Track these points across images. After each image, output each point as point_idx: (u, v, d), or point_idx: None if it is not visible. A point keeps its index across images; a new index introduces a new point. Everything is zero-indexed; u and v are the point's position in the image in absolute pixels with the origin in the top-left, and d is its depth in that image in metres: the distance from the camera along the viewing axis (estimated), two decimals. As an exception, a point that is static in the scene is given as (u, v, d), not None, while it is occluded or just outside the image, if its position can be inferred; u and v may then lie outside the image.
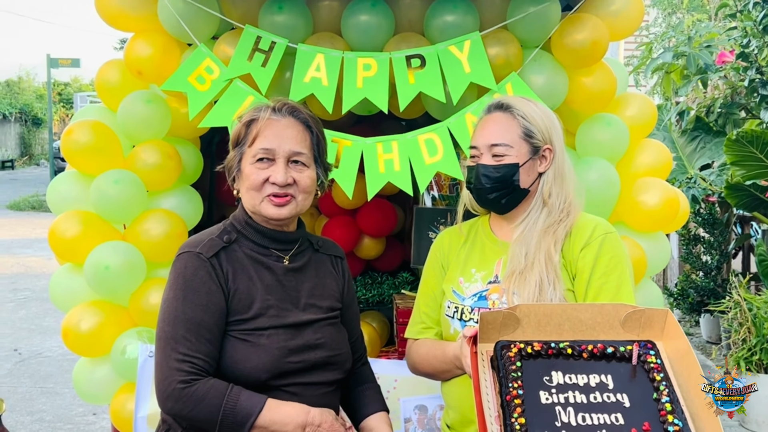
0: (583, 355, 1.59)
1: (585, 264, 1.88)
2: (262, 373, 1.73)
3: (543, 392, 1.52)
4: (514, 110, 1.91)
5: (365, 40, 2.58)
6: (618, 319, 1.63)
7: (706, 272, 7.03)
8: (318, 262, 1.94)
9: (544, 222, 1.91)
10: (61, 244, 2.68)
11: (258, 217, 1.83)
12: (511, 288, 1.87)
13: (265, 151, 1.77)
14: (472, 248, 2.02)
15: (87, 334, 2.63)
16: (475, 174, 1.92)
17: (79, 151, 2.70)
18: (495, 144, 1.90)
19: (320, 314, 1.86)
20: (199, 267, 1.75)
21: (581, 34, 2.58)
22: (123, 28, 2.72)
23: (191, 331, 1.70)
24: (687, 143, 6.63)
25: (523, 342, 1.59)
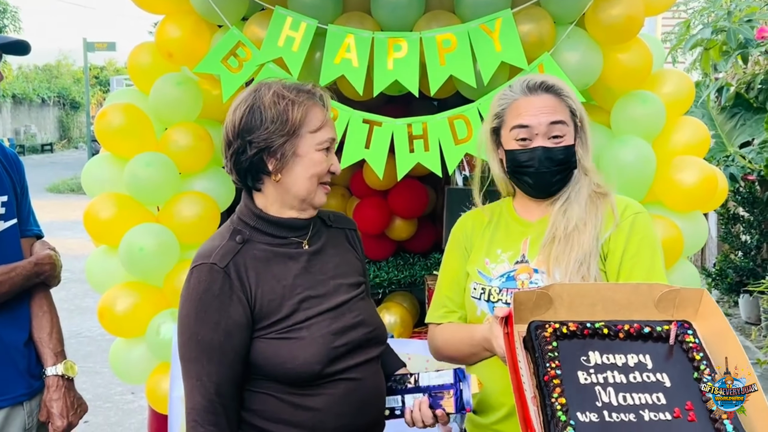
0: (620, 335, 1.55)
1: (616, 245, 1.84)
2: (315, 365, 1.66)
3: (581, 372, 1.49)
4: (561, 91, 1.87)
5: (395, 19, 2.55)
6: (652, 300, 1.59)
7: (746, 252, 6.93)
8: (334, 238, 1.89)
9: (588, 188, 1.88)
10: (96, 226, 2.72)
11: (280, 206, 1.76)
12: (553, 254, 1.82)
13: (331, 140, 1.76)
14: (497, 229, 1.98)
15: (122, 315, 2.67)
16: (538, 157, 1.83)
17: (112, 134, 2.73)
18: (556, 121, 1.83)
19: (351, 292, 1.82)
20: (212, 281, 1.66)
21: (616, 9, 2.52)
22: (154, 10, 2.73)
23: (203, 351, 1.65)
24: (726, 120, 6.51)
25: (558, 322, 1.56)
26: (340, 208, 3.81)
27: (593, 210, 1.87)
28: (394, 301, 3.53)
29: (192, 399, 1.65)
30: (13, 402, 2.09)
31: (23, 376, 2.13)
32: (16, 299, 2.15)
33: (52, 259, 2.24)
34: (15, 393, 2.10)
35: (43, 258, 2.22)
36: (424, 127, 2.47)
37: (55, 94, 37.18)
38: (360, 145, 2.49)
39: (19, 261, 2.15)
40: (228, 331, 1.65)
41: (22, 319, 2.18)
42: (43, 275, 2.21)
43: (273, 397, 1.69)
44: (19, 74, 35.13)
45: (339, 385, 1.70)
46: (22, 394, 2.12)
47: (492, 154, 1.96)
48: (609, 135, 2.67)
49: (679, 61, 8.32)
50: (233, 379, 1.67)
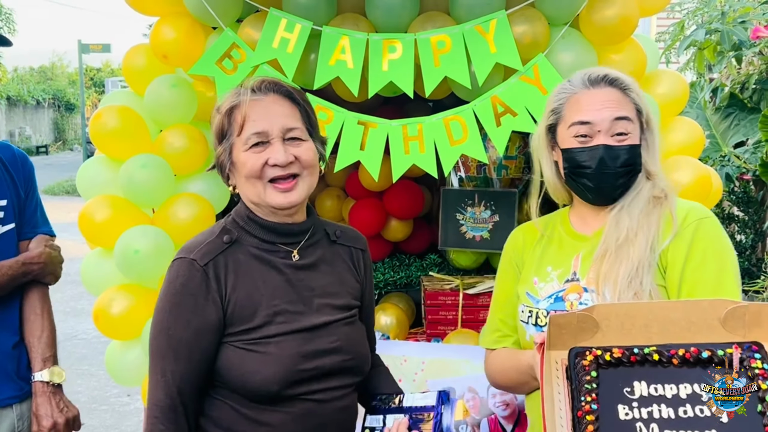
0: (673, 362, 1.38)
1: (677, 255, 1.65)
2: (273, 384, 1.61)
3: (622, 406, 1.35)
4: (625, 85, 1.73)
5: (390, 20, 2.55)
6: (717, 317, 1.39)
7: (741, 252, 6.93)
8: (334, 255, 1.80)
9: (649, 193, 1.72)
10: (91, 228, 2.71)
11: (262, 209, 1.70)
12: (602, 271, 1.66)
13: (258, 134, 1.64)
14: (549, 244, 1.83)
15: (118, 318, 2.66)
16: (599, 156, 1.67)
17: (107, 136, 2.72)
18: (620, 117, 1.68)
19: (336, 315, 1.73)
20: (190, 277, 1.63)
21: (610, 11, 2.52)
22: (148, 12, 2.73)
23: (172, 348, 1.62)
24: (721, 121, 6.53)
25: (601, 348, 1.40)
26: (335, 209, 3.81)
27: (648, 218, 1.69)
28: (390, 302, 3.53)
29: (155, 394, 1.62)
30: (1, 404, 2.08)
31: (12, 379, 2.10)
32: (5, 301, 2.12)
33: (42, 258, 2.20)
34: (1, 396, 2.09)
35: (33, 257, 2.18)
36: (419, 129, 2.47)
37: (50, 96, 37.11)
38: (355, 146, 2.49)
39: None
40: (198, 330, 1.62)
41: (10, 321, 2.15)
42: (30, 275, 2.17)
43: (230, 407, 1.66)
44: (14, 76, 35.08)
45: (297, 405, 1.65)
46: (10, 397, 2.10)
47: (546, 157, 1.82)
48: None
49: (673, 61, 8.33)
50: (197, 380, 1.64)
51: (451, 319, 3.21)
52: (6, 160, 2.20)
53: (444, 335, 3.16)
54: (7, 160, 2.20)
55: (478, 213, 3.37)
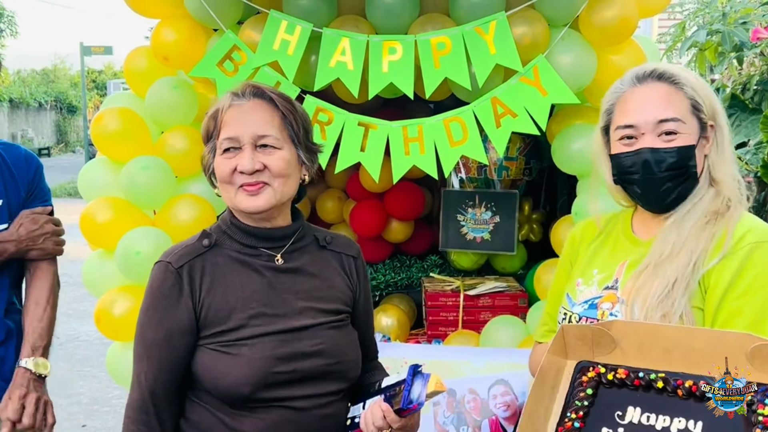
0: (678, 392, 1.30)
1: (721, 277, 1.51)
2: (244, 386, 1.58)
3: (606, 429, 1.30)
4: (676, 79, 1.61)
5: (390, 22, 2.56)
6: (743, 352, 1.26)
7: (742, 253, 6.93)
8: (323, 260, 1.77)
9: (710, 204, 1.59)
10: (92, 230, 2.72)
11: (240, 213, 1.70)
12: (638, 284, 1.56)
13: (229, 140, 1.63)
14: (603, 244, 1.75)
15: (119, 319, 2.67)
16: (643, 160, 1.58)
17: (108, 138, 2.73)
18: (665, 119, 1.57)
19: (320, 318, 1.69)
20: (164, 280, 1.63)
21: (610, 12, 2.52)
22: (149, 14, 2.74)
23: (144, 348, 1.65)
24: (722, 122, 6.52)
25: (606, 366, 1.35)
26: (336, 210, 3.82)
27: (699, 233, 1.56)
28: (391, 303, 3.53)
29: (131, 394, 1.66)
30: None
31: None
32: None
33: (14, 236, 2.15)
34: None
35: (4, 236, 2.13)
36: (419, 130, 2.47)
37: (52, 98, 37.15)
38: (356, 148, 2.49)
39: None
40: (170, 332, 1.62)
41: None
42: (5, 254, 2.12)
43: (208, 411, 1.65)
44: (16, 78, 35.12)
45: (273, 412, 1.62)
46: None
47: (603, 159, 1.73)
48: (604, 137, 2.67)
49: (675, 62, 8.33)
50: (170, 383, 1.64)
51: (452, 320, 3.21)
52: (9, 161, 2.18)
53: (445, 336, 3.16)
54: (11, 160, 2.19)
55: (479, 214, 3.38)
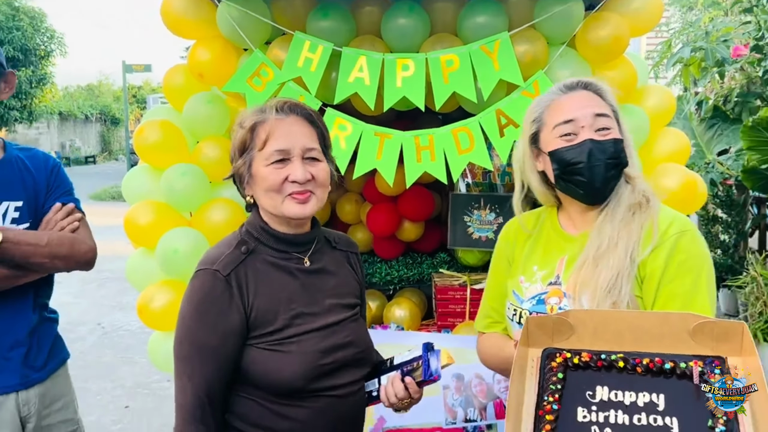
0: (637, 370, 1.31)
1: (655, 266, 1.54)
2: (298, 380, 1.58)
3: (582, 409, 1.28)
4: (599, 89, 1.65)
5: (403, 42, 2.56)
6: (686, 330, 1.31)
7: (724, 250, 6.89)
8: (336, 259, 1.78)
9: (629, 198, 1.61)
10: (135, 230, 2.73)
11: (275, 220, 1.67)
12: (581, 278, 1.57)
13: (280, 152, 1.60)
14: (536, 243, 1.75)
15: (159, 311, 2.67)
16: (587, 151, 1.57)
17: (149, 148, 2.74)
18: (601, 114, 1.59)
19: (345, 312, 1.71)
20: (214, 287, 1.58)
21: (604, 31, 2.52)
22: (186, 35, 2.75)
23: (200, 352, 1.57)
24: (705, 131, 6.50)
25: (571, 351, 1.35)
26: (354, 212, 3.82)
27: (629, 225, 1.58)
28: (403, 296, 3.53)
29: (183, 396, 1.59)
30: (2, 391, 2.02)
31: (16, 369, 2.04)
32: (20, 291, 2.03)
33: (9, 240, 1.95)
34: (4, 383, 2.02)
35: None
36: (430, 139, 2.47)
37: (97, 111, 37.44)
38: (372, 155, 2.49)
39: None
40: (224, 335, 1.58)
41: (24, 311, 2.07)
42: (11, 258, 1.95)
43: (257, 404, 1.62)
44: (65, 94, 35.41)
45: (320, 400, 1.62)
46: (14, 385, 2.03)
47: (531, 168, 1.72)
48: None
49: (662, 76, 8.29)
50: (223, 381, 1.60)
51: (460, 311, 3.21)
52: (28, 162, 2.14)
53: (453, 326, 3.16)
54: (29, 160, 2.15)
55: (484, 215, 3.37)
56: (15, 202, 2.06)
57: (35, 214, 2.11)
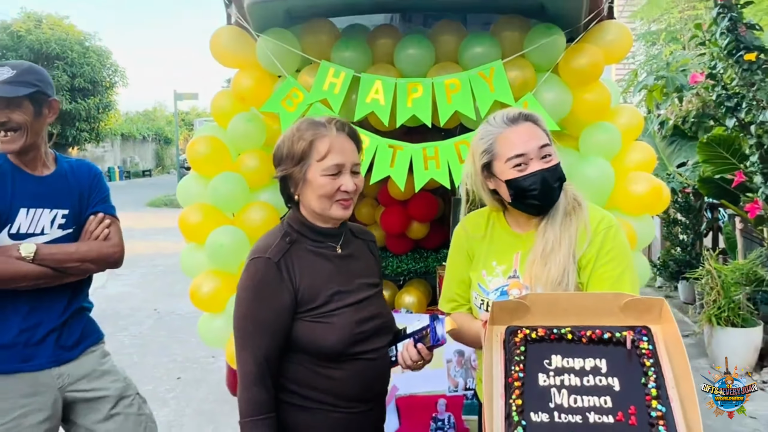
0: (582, 340, 1.36)
1: (590, 257, 1.62)
2: (339, 346, 1.60)
3: (542, 374, 1.32)
4: (536, 119, 1.68)
5: (413, 68, 2.56)
6: (618, 306, 1.38)
7: (683, 248, 6.86)
8: (359, 246, 1.80)
9: (564, 206, 1.67)
10: (187, 228, 2.74)
11: (316, 217, 1.68)
12: (534, 273, 1.61)
13: (337, 166, 1.61)
14: (492, 241, 1.76)
15: (207, 296, 2.68)
16: (540, 179, 1.61)
17: (199, 159, 2.75)
18: (544, 145, 1.62)
19: (371, 290, 1.72)
20: (267, 271, 1.60)
21: (582, 59, 2.51)
22: (229, 65, 2.76)
23: (258, 327, 1.59)
24: (666, 146, 6.47)
25: (529, 327, 1.38)
26: (369, 215, 3.81)
27: (568, 228, 1.64)
28: (412, 286, 3.52)
29: (245, 365, 1.59)
30: (39, 368, 2.00)
31: (51, 348, 2.02)
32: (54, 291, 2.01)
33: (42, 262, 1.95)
34: (40, 360, 2.00)
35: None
36: (435, 151, 2.46)
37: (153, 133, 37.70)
38: (386, 164, 2.49)
39: None
40: (277, 311, 1.59)
41: (60, 299, 2.04)
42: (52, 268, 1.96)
43: (304, 367, 1.63)
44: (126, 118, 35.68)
45: (355, 363, 1.64)
46: (48, 362, 2.01)
47: (483, 187, 1.73)
48: (578, 156, 2.65)
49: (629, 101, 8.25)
50: (277, 350, 1.61)
51: (460, 298, 3.19)
52: (74, 171, 2.12)
53: (454, 310, 3.14)
54: (75, 170, 2.13)
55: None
56: (62, 210, 2.04)
57: (79, 220, 2.09)
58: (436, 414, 2.54)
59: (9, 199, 1.95)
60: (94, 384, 2.11)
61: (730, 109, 4.72)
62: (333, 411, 1.63)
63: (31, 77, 1.96)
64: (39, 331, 2.01)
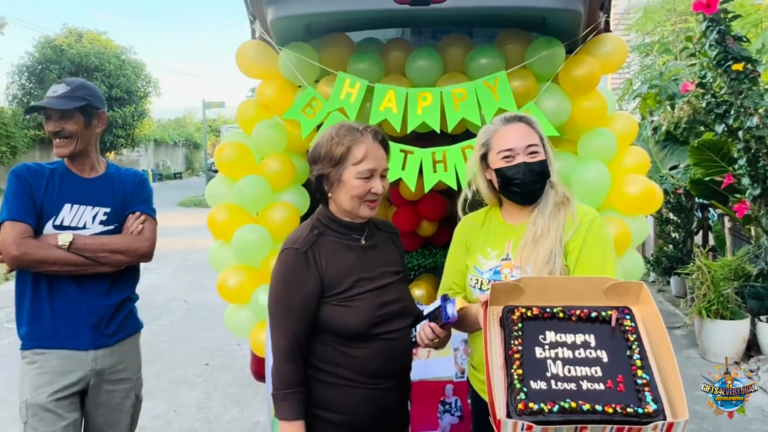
0: (572, 318, 1.42)
1: (575, 244, 1.68)
2: (362, 326, 1.64)
3: (538, 348, 1.37)
4: (531, 121, 1.77)
5: (423, 79, 2.56)
6: (602, 289, 1.45)
7: (675, 245, 6.80)
8: (383, 238, 1.83)
9: (554, 199, 1.75)
10: (215, 226, 2.75)
11: (344, 213, 1.72)
12: (524, 255, 1.68)
13: (370, 170, 1.65)
14: (488, 232, 1.83)
15: (234, 289, 2.70)
16: (522, 170, 1.70)
17: (226, 163, 2.76)
18: (531, 144, 1.71)
19: (393, 277, 1.75)
20: (296, 260, 1.65)
21: (581, 70, 2.49)
22: (254, 76, 2.77)
23: (288, 310, 1.64)
24: (659, 151, 6.41)
25: (525, 307, 1.44)
26: (382, 214, 3.81)
27: (556, 217, 1.72)
28: (422, 280, 3.51)
29: (277, 342, 1.65)
30: (78, 348, 2.04)
31: (90, 331, 2.06)
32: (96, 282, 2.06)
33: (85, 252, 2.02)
34: (80, 341, 2.05)
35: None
36: (443, 155, 2.46)
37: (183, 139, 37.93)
38: (398, 167, 2.48)
39: None
40: (305, 296, 1.63)
41: (98, 296, 2.08)
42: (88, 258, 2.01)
43: (329, 347, 1.66)
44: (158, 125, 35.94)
45: (376, 343, 1.66)
46: (87, 344, 2.05)
47: (480, 177, 1.83)
48: (576, 160, 2.63)
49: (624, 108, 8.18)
50: (306, 330, 1.65)
51: (466, 291, 3.18)
52: (121, 178, 2.17)
53: (461, 303, 3.13)
54: (121, 176, 2.18)
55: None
56: (104, 208, 2.10)
57: (120, 218, 2.14)
58: (444, 398, 2.54)
59: (56, 195, 2.04)
60: (114, 376, 2.13)
61: (719, 116, 4.67)
62: (357, 387, 1.66)
63: (82, 92, 2.08)
64: (84, 314, 2.06)
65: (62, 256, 2.00)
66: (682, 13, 8.53)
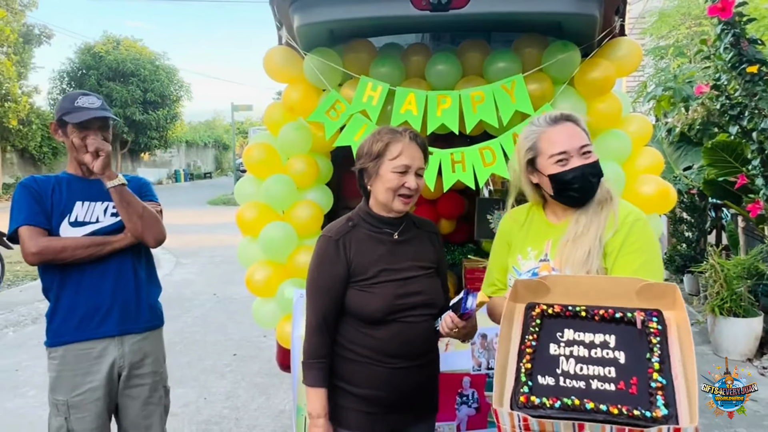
0: (595, 318, 1.35)
1: (615, 245, 1.56)
2: (378, 312, 1.71)
3: (553, 345, 1.33)
4: (577, 120, 1.64)
5: (442, 82, 2.55)
6: (633, 290, 1.36)
7: (689, 244, 6.69)
8: (418, 236, 1.86)
9: (598, 196, 1.63)
10: (243, 223, 2.77)
11: (380, 207, 1.78)
12: (563, 254, 1.57)
13: (405, 166, 1.71)
14: (529, 229, 1.75)
15: (261, 283, 2.72)
16: (581, 173, 1.57)
17: (254, 163, 2.78)
18: (584, 145, 1.59)
19: (419, 272, 1.78)
20: (328, 247, 1.75)
21: (596, 73, 2.46)
22: (280, 80, 2.78)
23: (318, 290, 1.75)
24: (674, 152, 6.30)
25: (546, 304, 1.39)
26: (403, 212, 3.81)
27: (598, 215, 1.60)
28: (440, 275, 3.51)
29: (310, 318, 1.76)
30: (104, 335, 2.07)
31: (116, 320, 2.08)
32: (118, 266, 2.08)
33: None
34: (107, 329, 2.07)
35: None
36: (462, 155, 2.45)
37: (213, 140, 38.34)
38: (418, 168, 2.48)
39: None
40: (333, 279, 1.73)
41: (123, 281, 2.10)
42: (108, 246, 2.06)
43: (353, 328, 1.76)
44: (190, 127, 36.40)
45: (395, 325, 1.73)
46: (112, 331, 2.08)
47: (527, 181, 1.70)
48: (591, 160, 2.59)
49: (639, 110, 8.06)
50: (334, 310, 1.75)
51: (483, 287, 3.16)
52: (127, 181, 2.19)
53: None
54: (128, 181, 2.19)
55: (503, 214, 3.32)
56: (113, 202, 2.10)
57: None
58: (462, 390, 2.53)
59: (65, 196, 2.08)
60: (141, 370, 2.15)
61: (734, 118, 4.58)
62: (376, 365, 1.74)
63: (107, 105, 2.13)
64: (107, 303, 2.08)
65: (79, 240, 2.03)
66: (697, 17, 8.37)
